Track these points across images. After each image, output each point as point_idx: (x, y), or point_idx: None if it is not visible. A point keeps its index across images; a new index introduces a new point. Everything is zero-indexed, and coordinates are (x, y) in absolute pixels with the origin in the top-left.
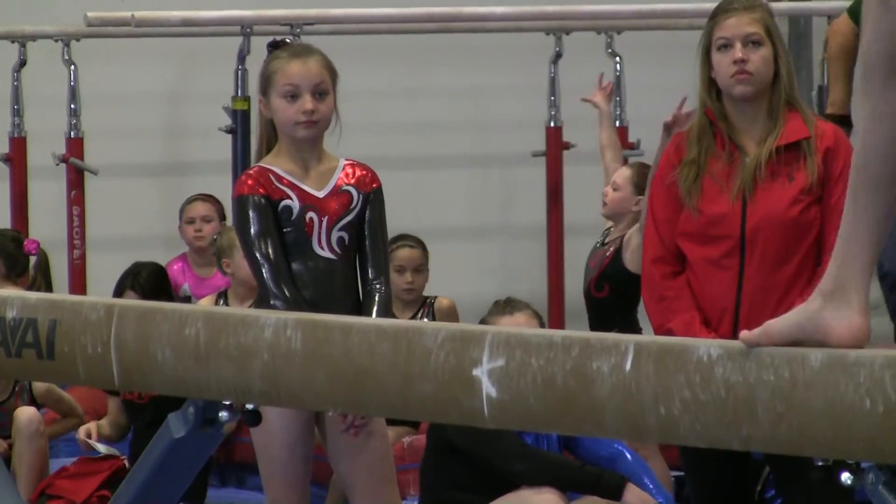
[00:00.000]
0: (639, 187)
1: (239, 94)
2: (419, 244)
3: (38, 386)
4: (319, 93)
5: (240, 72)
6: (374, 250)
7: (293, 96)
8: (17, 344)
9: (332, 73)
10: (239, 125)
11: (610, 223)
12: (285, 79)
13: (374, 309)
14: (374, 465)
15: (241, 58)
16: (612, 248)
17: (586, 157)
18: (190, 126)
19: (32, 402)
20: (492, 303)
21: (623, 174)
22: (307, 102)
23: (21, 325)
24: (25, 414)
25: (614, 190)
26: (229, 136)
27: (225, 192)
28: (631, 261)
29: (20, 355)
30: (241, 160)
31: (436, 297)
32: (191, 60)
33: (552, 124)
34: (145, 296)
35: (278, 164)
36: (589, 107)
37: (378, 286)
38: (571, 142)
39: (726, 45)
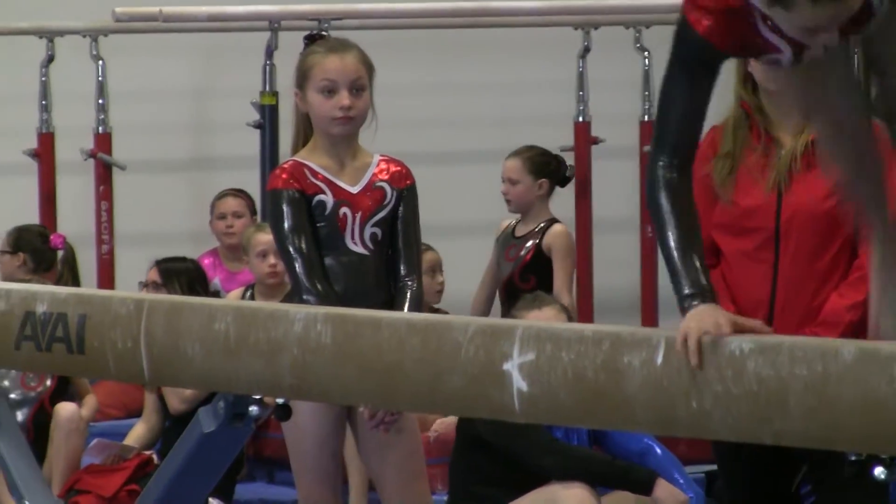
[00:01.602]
0: (534, 173)
1: (267, 89)
2: (427, 248)
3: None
4: (356, 88)
5: (267, 67)
6: (407, 247)
7: (330, 91)
8: (46, 338)
9: (369, 68)
10: (267, 120)
11: (513, 218)
12: (322, 74)
13: (406, 305)
14: (405, 461)
15: (269, 53)
16: (531, 242)
17: (614, 152)
18: (217, 121)
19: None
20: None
21: (514, 167)
22: (344, 98)
23: (51, 320)
24: (67, 410)
25: (512, 184)
26: (257, 132)
27: (252, 188)
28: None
29: (50, 350)
30: (269, 155)
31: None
32: (218, 55)
33: (580, 119)
34: (183, 291)
35: (313, 159)
36: (618, 102)
37: (410, 283)
38: (600, 136)
39: None
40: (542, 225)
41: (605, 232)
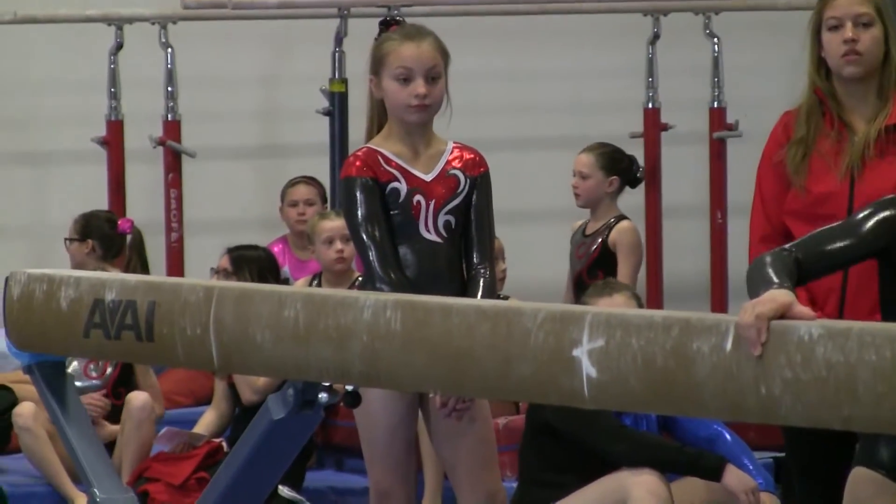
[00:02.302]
0: (606, 169)
1: (336, 76)
2: None
3: (138, 371)
4: (432, 76)
5: (337, 54)
6: (480, 234)
7: (405, 79)
8: (116, 326)
9: (445, 56)
10: (336, 108)
11: (584, 218)
12: (398, 61)
13: (479, 293)
14: (477, 448)
15: (338, 40)
16: (599, 239)
17: (684, 139)
18: (286, 108)
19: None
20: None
21: (586, 162)
22: (420, 86)
23: (120, 308)
24: (139, 399)
25: (583, 179)
26: (325, 119)
27: (321, 175)
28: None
29: (119, 337)
30: (338, 143)
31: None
32: (287, 43)
33: (650, 106)
34: (253, 279)
35: (387, 146)
36: (687, 88)
37: (483, 270)
38: (669, 123)
39: (837, 26)
40: (610, 221)
41: (674, 218)
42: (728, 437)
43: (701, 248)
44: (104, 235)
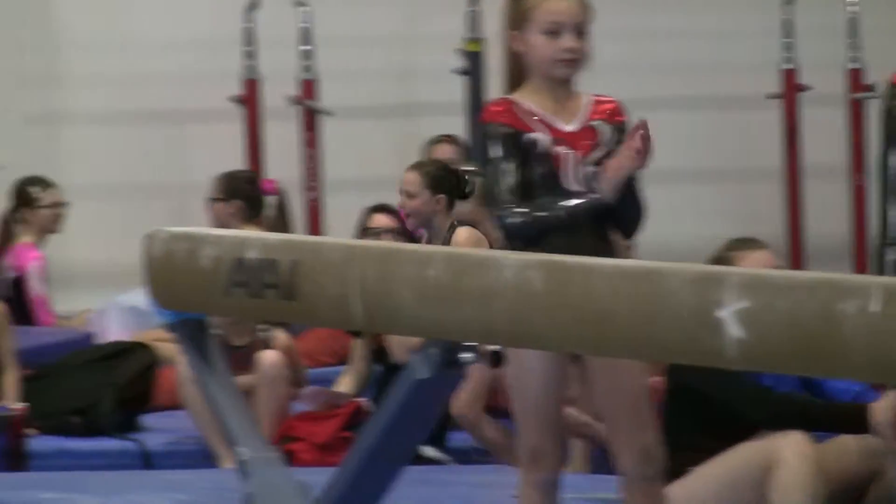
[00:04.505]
0: (432, 186)
1: (471, 36)
2: None
3: (280, 343)
4: (580, 31)
5: (472, 13)
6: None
7: (554, 33)
8: (258, 284)
9: (591, 11)
10: (472, 67)
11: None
12: (548, 15)
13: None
14: (635, 403)
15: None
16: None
17: (823, 100)
18: (421, 67)
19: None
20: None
21: (412, 180)
22: (569, 40)
23: (262, 266)
24: (268, 358)
25: (409, 197)
26: (459, 79)
27: (456, 133)
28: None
29: (262, 296)
30: (473, 102)
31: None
32: (422, 1)
33: (787, 66)
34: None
35: (529, 98)
36: (826, 48)
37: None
38: (808, 84)
39: None
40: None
41: (814, 179)
42: (873, 394)
43: (840, 210)
44: (249, 196)
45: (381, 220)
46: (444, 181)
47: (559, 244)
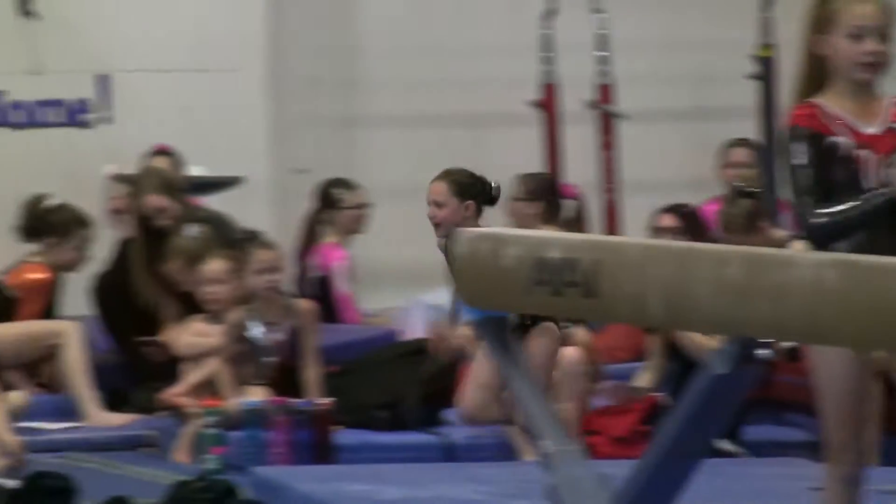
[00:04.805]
0: (460, 194)
1: (764, 41)
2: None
3: (580, 339)
4: (882, 35)
5: (765, 20)
6: None
7: (857, 37)
8: (560, 283)
9: (894, 15)
10: (765, 72)
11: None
12: (853, 19)
13: None
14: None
15: (767, 5)
16: None
17: None
18: (716, 73)
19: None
20: None
21: (440, 190)
22: (873, 44)
23: (564, 265)
24: (570, 354)
25: (438, 207)
26: (753, 83)
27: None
28: None
29: (562, 294)
30: (766, 106)
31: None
32: (715, 8)
33: None
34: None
35: (832, 102)
36: None
37: None
38: None
39: None
40: None
41: None
42: None
43: None
44: (550, 198)
45: (666, 220)
46: (470, 188)
47: (861, 243)
